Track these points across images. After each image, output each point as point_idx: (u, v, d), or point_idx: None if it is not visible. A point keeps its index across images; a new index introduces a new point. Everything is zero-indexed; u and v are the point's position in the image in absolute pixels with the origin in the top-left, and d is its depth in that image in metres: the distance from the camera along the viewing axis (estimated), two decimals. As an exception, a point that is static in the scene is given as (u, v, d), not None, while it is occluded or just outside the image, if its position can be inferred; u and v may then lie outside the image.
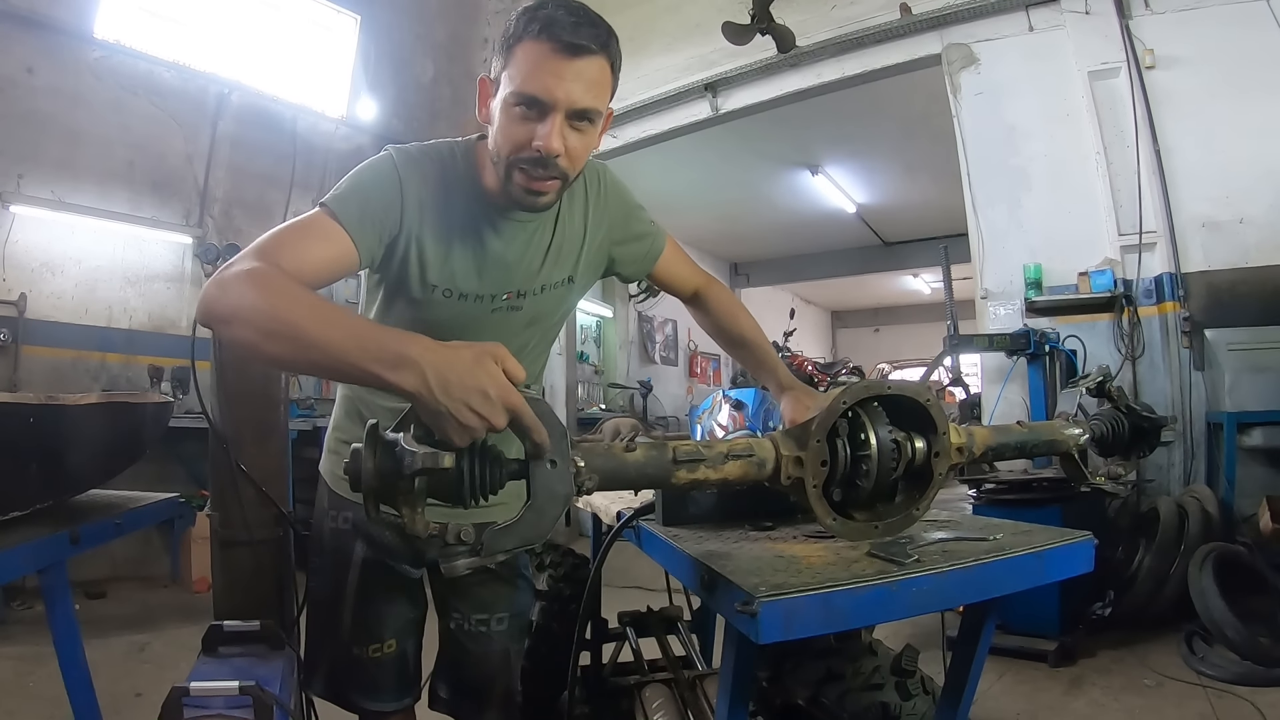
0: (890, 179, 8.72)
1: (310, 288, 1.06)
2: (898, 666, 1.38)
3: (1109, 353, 4.26)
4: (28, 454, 1.32)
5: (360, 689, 1.56)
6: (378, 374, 0.88)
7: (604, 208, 1.46)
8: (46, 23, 4.80)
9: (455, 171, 1.31)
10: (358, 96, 6.56)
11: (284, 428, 2.20)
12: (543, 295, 1.41)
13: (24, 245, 4.78)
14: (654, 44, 6.21)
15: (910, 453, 1.05)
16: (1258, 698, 2.73)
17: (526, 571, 1.73)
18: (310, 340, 0.92)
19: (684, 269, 1.63)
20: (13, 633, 3.73)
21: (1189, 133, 4.21)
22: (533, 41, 1.14)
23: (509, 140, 1.19)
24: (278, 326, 0.94)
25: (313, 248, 1.15)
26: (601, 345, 10.07)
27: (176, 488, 4.04)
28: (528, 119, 1.16)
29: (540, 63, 1.14)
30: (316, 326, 0.92)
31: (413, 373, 0.85)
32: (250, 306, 0.96)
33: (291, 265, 1.07)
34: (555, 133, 1.15)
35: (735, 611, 0.82)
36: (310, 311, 0.94)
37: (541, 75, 1.14)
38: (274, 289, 0.97)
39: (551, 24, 1.12)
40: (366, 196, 1.24)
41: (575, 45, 1.13)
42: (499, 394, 0.84)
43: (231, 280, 1.00)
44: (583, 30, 1.13)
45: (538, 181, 1.20)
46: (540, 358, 1.56)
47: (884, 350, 15.51)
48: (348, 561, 1.54)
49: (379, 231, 1.24)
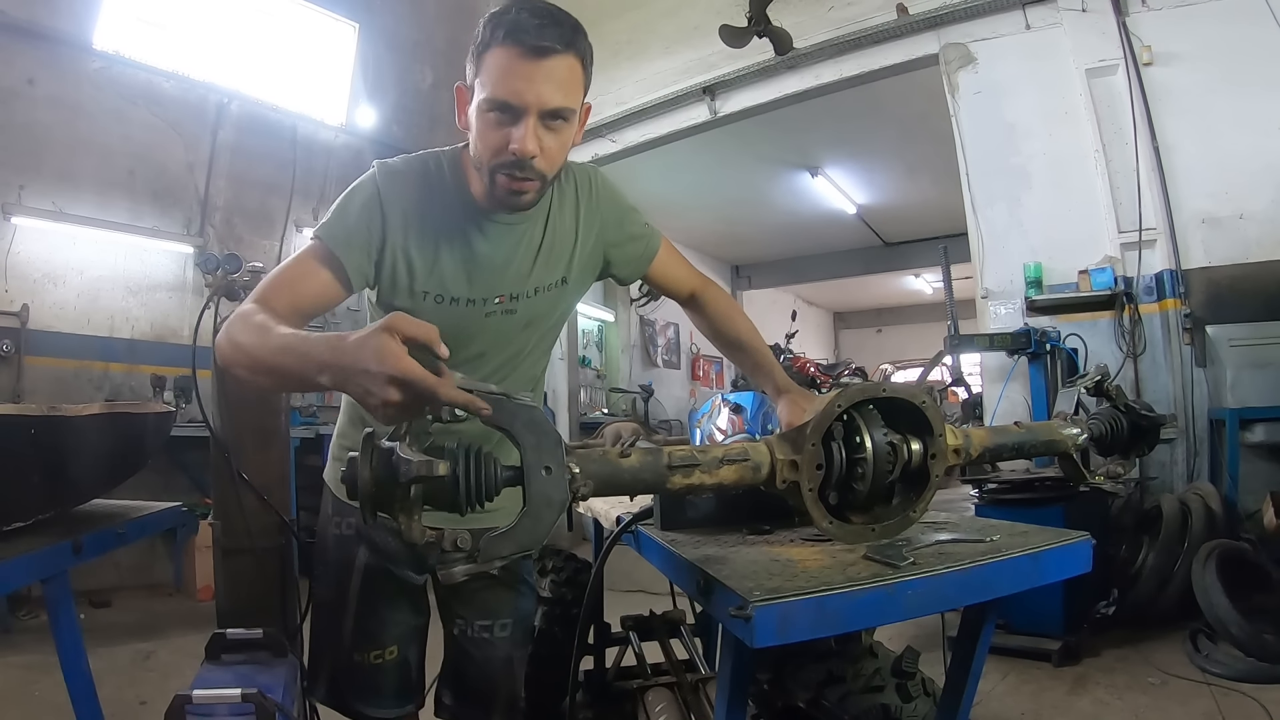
0: (890, 179, 8.71)
1: (307, 318, 1.22)
2: (898, 668, 1.38)
3: (1110, 351, 4.25)
4: (30, 465, 1.33)
5: (361, 695, 1.57)
6: (314, 381, 0.97)
7: (596, 210, 1.47)
8: (47, 34, 4.82)
9: (441, 180, 1.34)
10: (357, 103, 6.58)
11: (285, 435, 2.21)
12: (537, 298, 1.42)
13: (26, 256, 4.79)
14: (652, 47, 6.23)
15: (906, 455, 1.05)
16: (1263, 695, 2.72)
17: (530, 578, 1.73)
18: (276, 370, 1.04)
19: (680, 270, 1.63)
20: (19, 641, 3.74)
21: (1188, 129, 4.21)
22: (500, 47, 1.16)
23: (487, 146, 1.22)
24: (255, 364, 1.07)
25: (302, 284, 1.25)
26: (604, 349, 10.07)
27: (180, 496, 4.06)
28: (502, 123, 1.19)
29: (509, 68, 1.16)
30: (276, 357, 1.04)
31: (327, 374, 0.93)
32: (232, 349, 1.10)
33: (284, 303, 1.19)
34: (530, 135, 1.18)
35: (730, 616, 0.82)
36: (272, 347, 1.05)
37: (511, 80, 1.16)
38: (250, 333, 1.09)
39: (517, 29, 1.14)
40: (349, 219, 1.30)
41: (541, 48, 1.15)
42: (379, 366, 0.85)
43: (227, 328, 1.14)
44: (548, 31, 1.15)
45: (518, 183, 1.23)
46: (540, 361, 1.57)
47: (887, 351, 15.49)
48: (350, 567, 1.55)
49: (365, 249, 1.29)
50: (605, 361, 10.02)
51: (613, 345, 10.09)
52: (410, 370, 0.85)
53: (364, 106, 6.60)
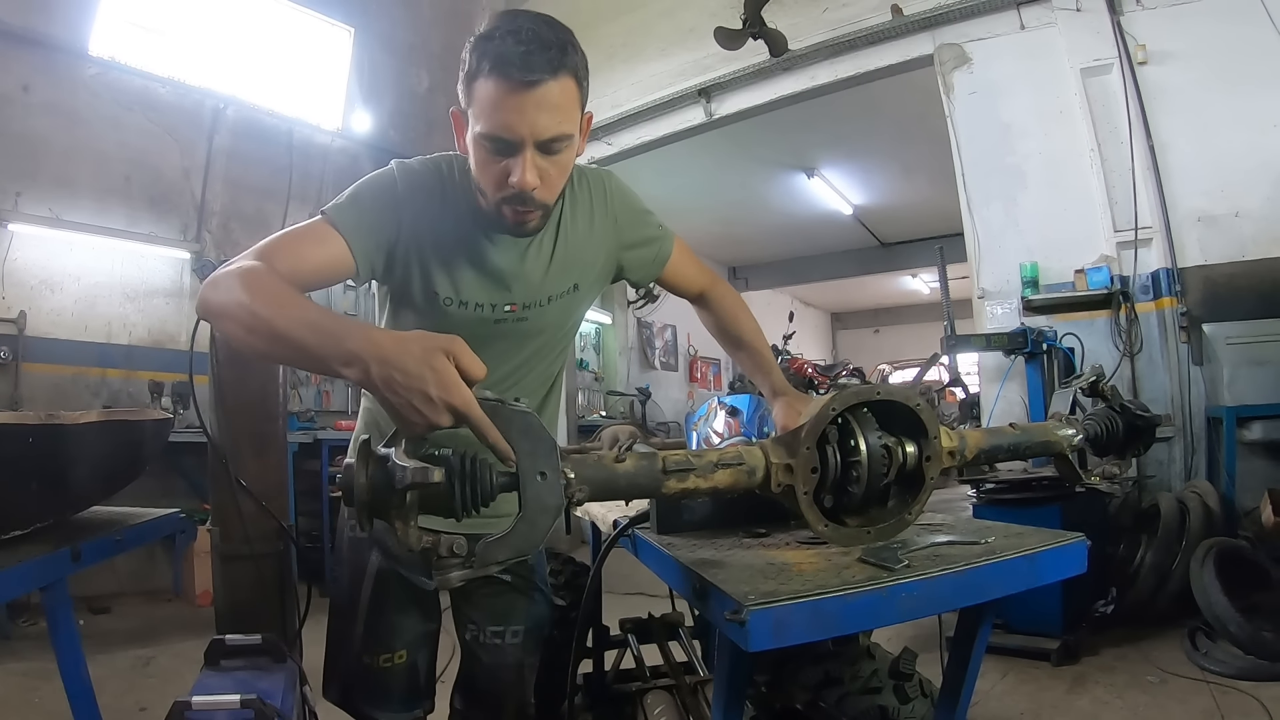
0: (887, 180, 8.73)
1: (304, 288, 1.12)
2: (896, 670, 1.39)
3: (1107, 350, 4.26)
4: (28, 473, 1.32)
5: (369, 698, 1.57)
6: (332, 368, 0.92)
7: (610, 215, 1.46)
8: (42, 41, 4.81)
9: (453, 185, 1.33)
10: (353, 108, 6.58)
11: (283, 441, 2.20)
12: (549, 306, 1.41)
13: (23, 263, 4.78)
14: (648, 50, 6.24)
15: (901, 457, 1.06)
16: (1262, 692, 2.72)
17: (544, 584, 1.71)
18: (280, 334, 0.97)
19: (690, 269, 1.63)
20: (18, 649, 3.73)
21: (1183, 127, 4.22)
22: (486, 80, 1.12)
23: (489, 181, 1.21)
24: (255, 322, 0.99)
25: (308, 251, 1.20)
26: (601, 352, 10.07)
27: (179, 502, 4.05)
28: (499, 156, 1.17)
29: (499, 102, 1.12)
30: (285, 322, 0.97)
31: (358, 368, 0.89)
32: (235, 303, 1.01)
33: (286, 266, 1.12)
34: (528, 168, 1.15)
35: (725, 620, 0.82)
36: (282, 308, 0.99)
37: (503, 115, 1.12)
38: (257, 286, 1.02)
39: (502, 61, 1.10)
40: (364, 205, 1.27)
41: (529, 80, 1.10)
42: (441, 393, 0.85)
43: (224, 277, 1.06)
44: (534, 60, 1.10)
45: (521, 215, 1.23)
46: (554, 363, 1.55)
47: (885, 351, 15.49)
48: (363, 570, 1.54)
49: (376, 238, 1.27)
50: (603, 364, 10.02)
51: (610, 348, 10.09)
52: (472, 409, 0.86)
53: (360, 111, 6.60)
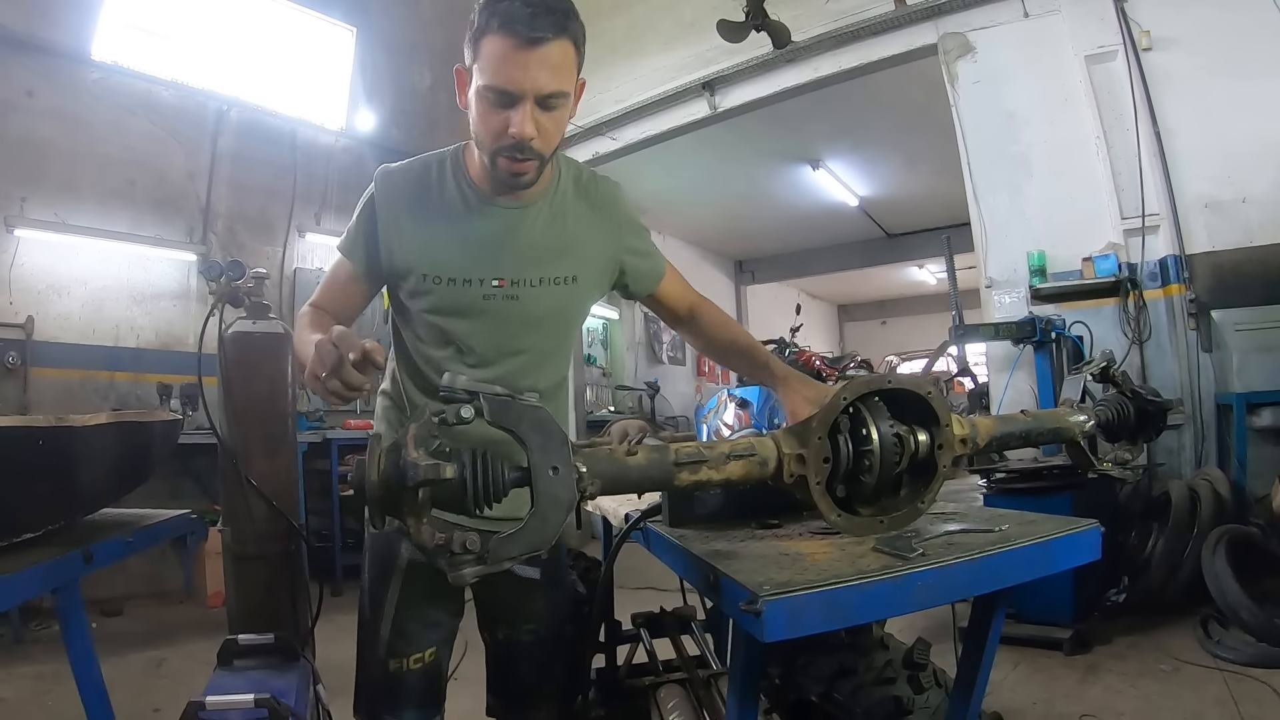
0: (892, 171, 8.69)
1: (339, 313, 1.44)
2: (909, 660, 1.38)
3: (1115, 337, 4.23)
4: (39, 476, 1.33)
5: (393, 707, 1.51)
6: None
7: (614, 220, 1.52)
8: (45, 46, 4.83)
9: (441, 171, 1.44)
10: (356, 107, 6.59)
11: (293, 440, 2.21)
12: (540, 289, 1.43)
13: (29, 268, 4.80)
14: (650, 44, 6.22)
15: (913, 446, 1.05)
16: (1274, 679, 2.71)
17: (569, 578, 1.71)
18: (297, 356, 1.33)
19: (683, 287, 1.69)
20: (31, 652, 3.76)
21: (1188, 113, 4.18)
22: (494, 36, 1.21)
23: (488, 130, 1.29)
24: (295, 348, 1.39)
25: (329, 281, 1.50)
26: (609, 347, 10.06)
27: (189, 503, 4.07)
28: (501, 108, 1.25)
29: (505, 56, 1.21)
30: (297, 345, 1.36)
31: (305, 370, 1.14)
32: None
33: (321, 299, 1.47)
34: (527, 119, 1.24)
35: (740, 611, 0.82)
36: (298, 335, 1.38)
37: (507, 69, 1.22)
38: (297, 324, 1.43)
39: (510, 19, 1.19)
40: (354, 221, 1.47)
41: (534, 38, 1.20)
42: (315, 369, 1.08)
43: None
44: (540, 20, 1.19)
45: (518, 164, 1.30)
46: (553, 361, 1.54)
47: (892, 342, 15.43)
48: (392, 563, 1.52)
49: (366, 246, 1.44)
50: (610, 359, 10.01)
51: (618, 343, 10.08)
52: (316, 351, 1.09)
53: (363, 110, 6.60)
